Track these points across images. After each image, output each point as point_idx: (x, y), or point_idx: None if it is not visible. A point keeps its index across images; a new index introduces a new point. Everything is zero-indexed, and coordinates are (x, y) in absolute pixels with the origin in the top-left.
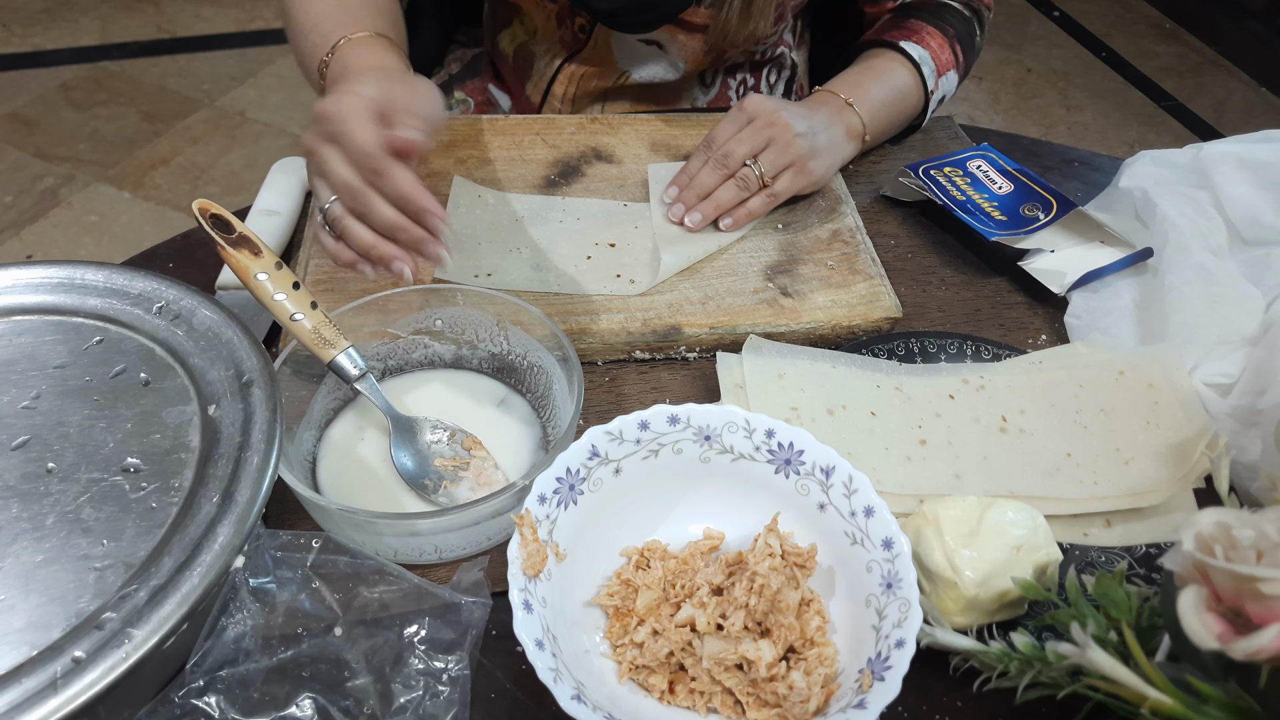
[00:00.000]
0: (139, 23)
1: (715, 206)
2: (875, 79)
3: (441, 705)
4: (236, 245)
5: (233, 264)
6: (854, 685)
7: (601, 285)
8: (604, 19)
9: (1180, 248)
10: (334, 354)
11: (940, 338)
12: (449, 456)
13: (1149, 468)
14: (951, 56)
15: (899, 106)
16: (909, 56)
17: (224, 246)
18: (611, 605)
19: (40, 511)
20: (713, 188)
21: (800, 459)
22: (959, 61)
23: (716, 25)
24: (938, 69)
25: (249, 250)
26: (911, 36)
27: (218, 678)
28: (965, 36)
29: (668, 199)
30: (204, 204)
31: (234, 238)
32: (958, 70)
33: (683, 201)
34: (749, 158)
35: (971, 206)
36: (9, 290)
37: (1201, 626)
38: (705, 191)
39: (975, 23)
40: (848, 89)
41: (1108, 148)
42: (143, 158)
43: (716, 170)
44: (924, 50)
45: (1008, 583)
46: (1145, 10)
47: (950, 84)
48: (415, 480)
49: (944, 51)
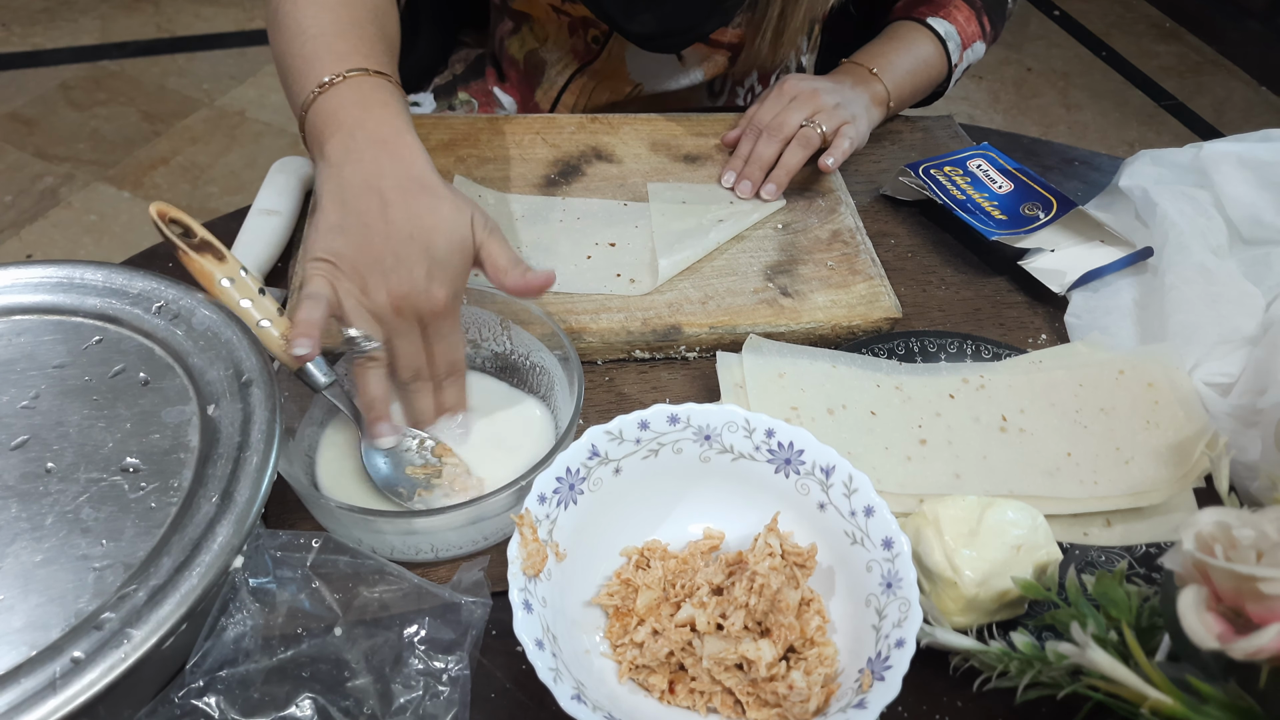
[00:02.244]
0: (139, 22)
1: (786, 171)
2: (899, 49)
3: (441, 705)
4: (199, 250)
5: (195, 270)
6: (854, 685)
7: (602, 284)
8: (638, 42)
9: (1180, 247)
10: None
11: (940, 337)
12: (419, 464)
13: (1149, 467)
14: (979, 28)
15: (922, 75)
16: (934, 31)
17: (186, 251)
18: (611, 605)
19: (39, 511)
20: (773, 158)
21: (800, 458)
22: (985, 31)
23: (748, 52)
24: (963, 41)
25: (212, 255)
26: (939, 11)
27: (217, 678)
28: (995, 5)
29: (727, 183)
30: (161, 207)
31: (196, 242)
32: (985, 39)
33: (748, 178)
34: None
35: (972, 206)
36: (8, 290)
37: (1201, 626)
38: (767, 163)
39: None
40: (872, 59)
41: (1108, 147)
42: (143, 157)
43: (773, 141)
44: (950, 25)
45: (1008, 582)
46: (1145, 10)
47: (978, 52)
48: (390, 487)
49: (970, 24)
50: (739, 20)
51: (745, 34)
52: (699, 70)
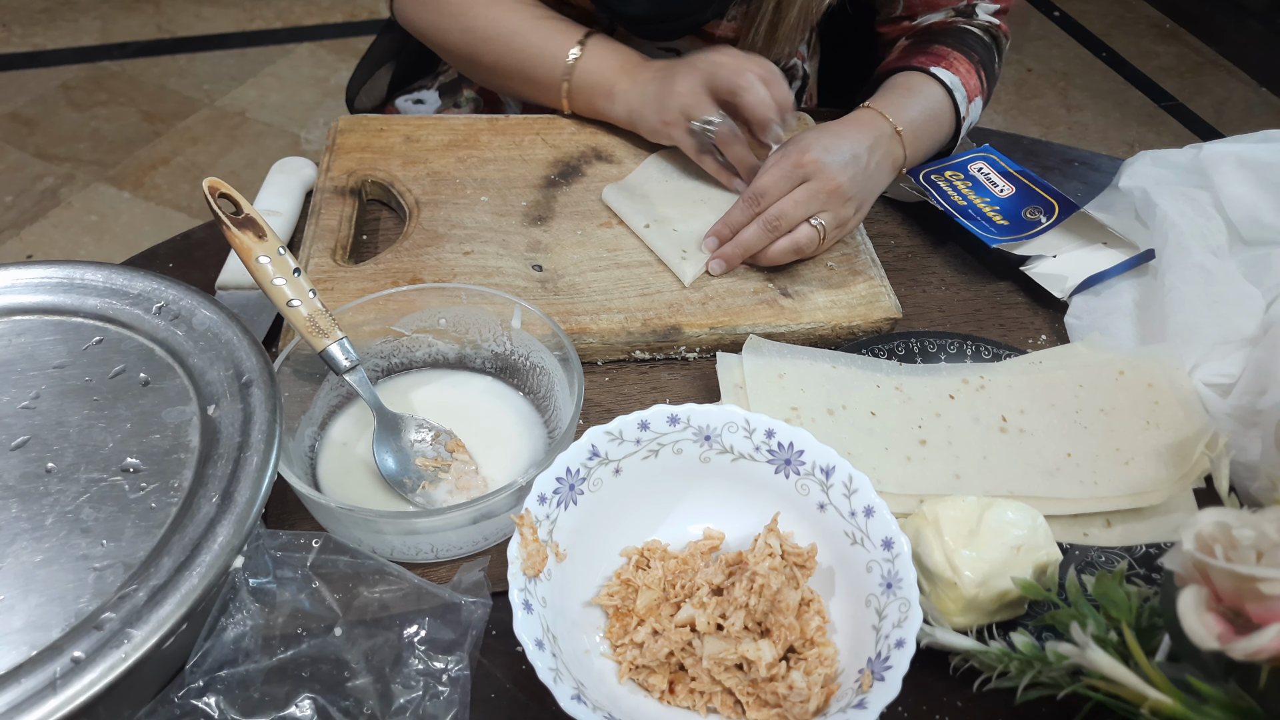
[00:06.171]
0: (139, 23)
1: (766, 262)
2: (917, 103)
3: (441, 705)
4: (242, 226)
5: (236, 244)
6: (854, 685)
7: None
8: (628, 25)
9: (1180, 248)
10: (327, 343)
11: (940, 338)
12: (430, 457)
13: (1149, 468)
14: (978, 83)
15: (936, 136)
16: (942, 83)
17: (229, 226)
18: (611, 605)
19: (40, 511)
20: (759, 248)
21: (800, 459)
22: (984, 87)
23: (742, 46)
24: (968, 95)
25: (254, 232)
26: (940, 62)
27: (217, 678)
28: (987, 63)
29: (708, 250)
30: (214, 183)
31: (240, 218)
32: (983, 96)
33: (724, 259)
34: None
35: (973, 212)
36: (9, 290)
37: (1201, 626)
38: (750, 251)
39: (994, 49)
40: (895, 110)
41: (1108, 148)
42: (143, 158)
43: (766, 232)
44: (955, 76)
45: (1007, 583)
46: (1145, 10)
47: (977, 111)
48: (395, 478)
49: (971, 77)
50: (734, 14)
51: (739, 28)
52: None
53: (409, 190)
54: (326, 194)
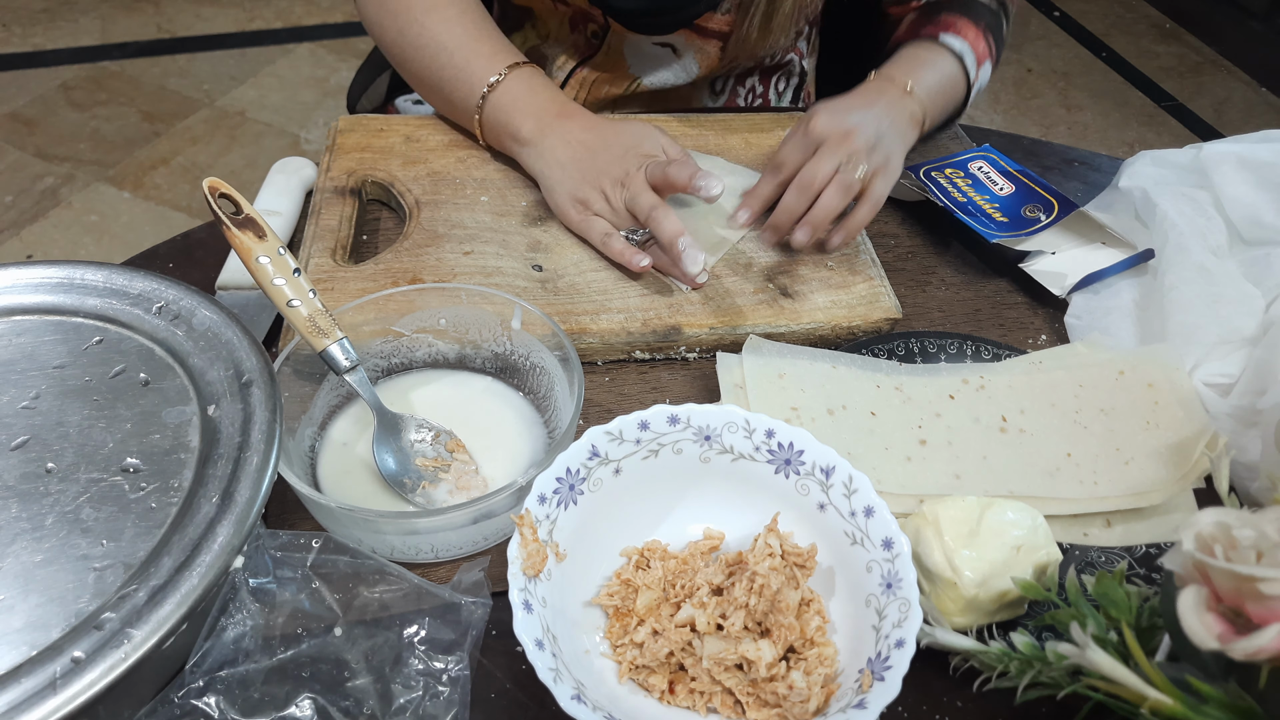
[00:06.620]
0: (139, 23)
1: (825, 213)
2: (926, 66)
3: (441, 705)
4: (242, 226)
5: (236, 244)
6: (854, 685)
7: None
8: (621, 18)
9: (1180, 248)
10: (327, 343)
11: (940, 338)
12: (430, 457)
13: (1149, 468)
14: (986, 47)
15: (949, 95)
16: (950, 49)
17: (229, 226)
18: (611, 605)
19: (40, 511)
20: (802, 210)
21: (800, 459)
22: (992, 51)
23: (737, 37)
24: (977, 59)
25: (254, 232)
26: (949, 29)
27: (217, 678)
28: (995, 28)
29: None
30: (214, 183)
31: (240, 218)
32: (991, 60)
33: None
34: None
35: (973, 208)
36: (9, 290)
37: (1201, 626)
38: (796, 214)
39: (1002, 14)
40: (903, 74)
41: (1108, 148)
42: (143, 158)
43: (803, 196)
44: (963, 41)
45: (1007, 583)
46: (1145, 10)
47: (986, 75)
48: (395, 478)
49: (979, 42)
50: (727, 6)
51: (734, 20)
52: (693, 62)
53: (409, 190)
54: (326, 194)
